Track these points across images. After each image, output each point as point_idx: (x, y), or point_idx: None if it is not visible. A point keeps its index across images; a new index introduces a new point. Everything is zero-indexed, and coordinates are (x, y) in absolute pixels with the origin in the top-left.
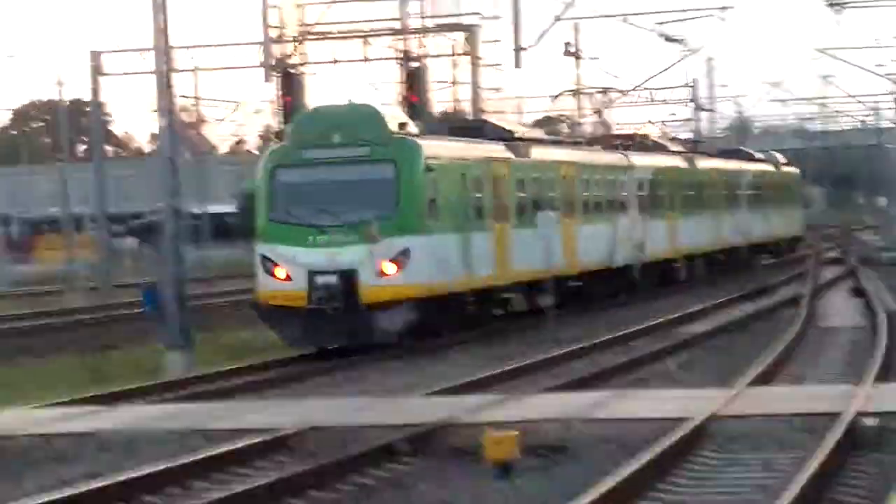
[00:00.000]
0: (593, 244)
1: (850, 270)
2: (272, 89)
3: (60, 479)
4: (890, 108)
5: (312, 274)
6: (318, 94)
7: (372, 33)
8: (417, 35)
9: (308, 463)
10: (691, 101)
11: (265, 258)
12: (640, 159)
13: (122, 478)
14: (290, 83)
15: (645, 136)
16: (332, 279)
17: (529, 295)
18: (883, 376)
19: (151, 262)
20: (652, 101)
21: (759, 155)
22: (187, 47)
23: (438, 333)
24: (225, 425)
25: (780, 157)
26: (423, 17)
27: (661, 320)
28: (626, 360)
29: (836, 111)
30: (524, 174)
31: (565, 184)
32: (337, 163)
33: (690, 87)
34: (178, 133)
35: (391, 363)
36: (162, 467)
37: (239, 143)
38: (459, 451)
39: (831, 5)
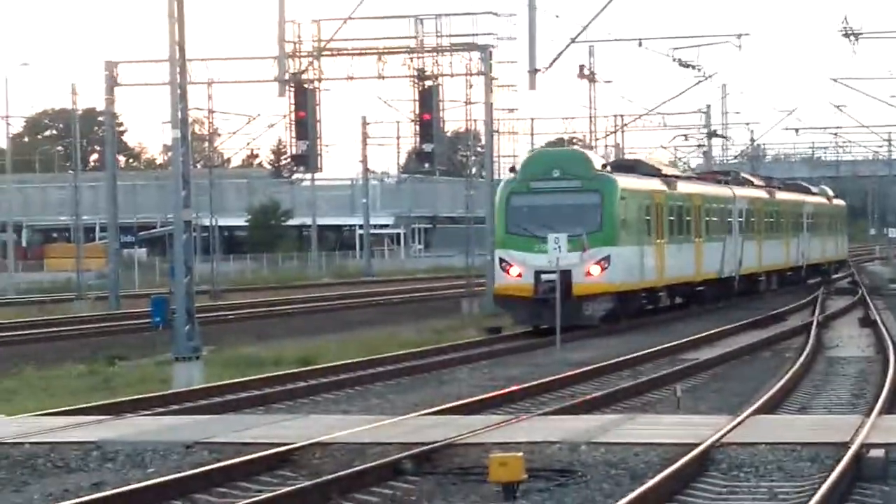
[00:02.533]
0: (710, 258)
1: (859, 300)
2: (286, 103)
3: (65, 487)
4: None
5: (539, 273)
6: (332, 109)
7: (387, 51)
8: (432, 54)
9: (312, 478)
10: (704, 126)
11: (502, 260)
12: (739, 191)
13: (126, 488)
14: (304, 98)
15: (737, 173)
16: (553, 278)
17: (672, 295)
18: (890, 408)
19: (161, 273)
20: (665, 125)
21: (813, 189)
22: (202, 59)
23: (621, 318)
24: (230, 439)
25: (829, 191)
26: (438, 36)
27: (669, 345)
28: (633, 384)
29: (849, 141)
30: (673, 203)
31: (696, 210)
32: (556, 191)
33: (704, 112)
34: (191, 145)
35: (399, 381)
36: (166, 479)
37: (251, 156)
38: (464, 471)
39: (846, 35)
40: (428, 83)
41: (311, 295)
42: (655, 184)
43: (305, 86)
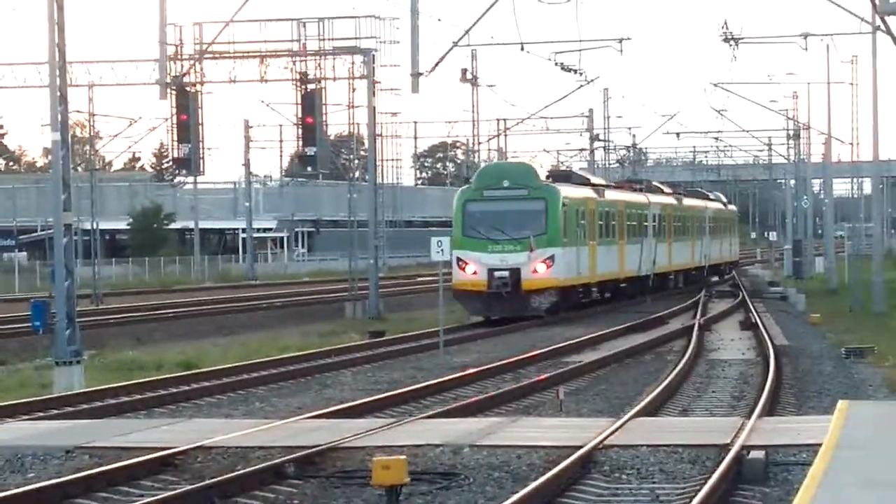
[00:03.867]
0: (631, 259)
1: (740, 303)
2: (167, 106)
3: None
4: (782, 144)
5: (491, 270)
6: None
7: (270, 54)
8: (315, 57)
9: (195, 482)
10: (587, 130)
11: (459, 259)
12: (653, 198)
13: (5, 493)
14: (186, 101)
15: (650, 182)
16: (505, 274)
17: (601, 290)
18: (770, 411)
19: (41, 276)
20: (548, 129)
21: (710, 195)
22: (83, 62)
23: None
24: (112, 443)
25: (723, 197)
26: (321, 40)
27: (552, 347)
28: (515, 387)
29: (730, 145)
30: (602, 209)
31: (620, 216)
32: (507, 199)
33: (586, 116)
34: (71, 148)
35: (281, 385)
36: (46, 483)
37: (133, 159)
38: (347, 474)
39: (727, 40)
40: (311, 86)
41: (193, 299)
42: (588, 192)
43: (187, 89)
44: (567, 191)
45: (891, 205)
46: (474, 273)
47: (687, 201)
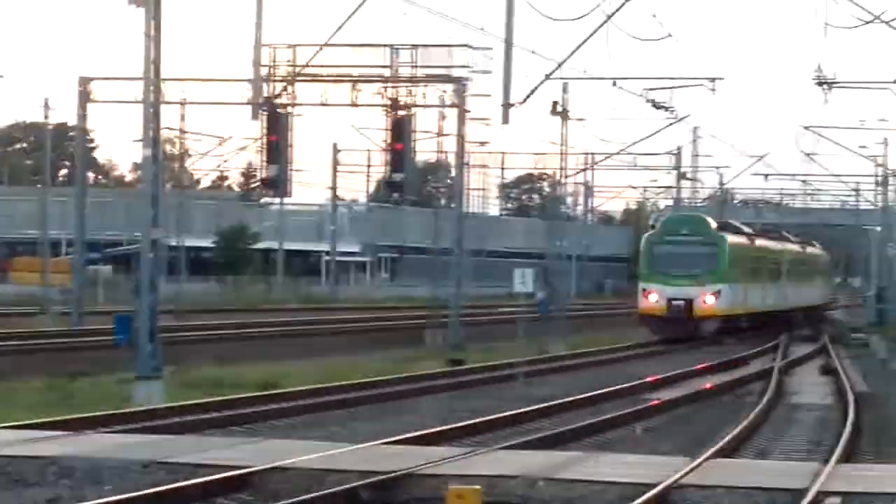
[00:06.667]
0: (772, 296)
1: (821, 348)
2: (258, 127)
3: (20, 501)
4: (870, 190)
5: (670, 300)
6: (304, 134)
7: (361, 79)
8: (406, 84)
9: (269, 503)
10: (675, 168)
11: (644, 289)
12: (786, 245)
13: None
14: (276, 122)
15: (780, 231)
16: (681, 303)
17: (752, 321)
18: (848, 457)
19: (126, 290)
20: (636, 165)
21: (815, 244)
22: (177, 79)
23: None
24: (188, 459)
25: (818, 245)
26: (413, 67)
27: (631, 384)
28: (593, 422)
29: (817, 189)
30: (753, 254)
31: (765, 260)
32: (684, 243)
33: (674, 154)
34: (162, 164)
35: (359, 409)
36: (122, 497)
37: (221, 178)
38: (421, 501)
39: (819, 83)
40: (401, 113)
41: (274, 319)
42: (744, 240)
43: (279, 110)
44: (731, 238)
45: None
46: (656, 301)
47: (809, 249)
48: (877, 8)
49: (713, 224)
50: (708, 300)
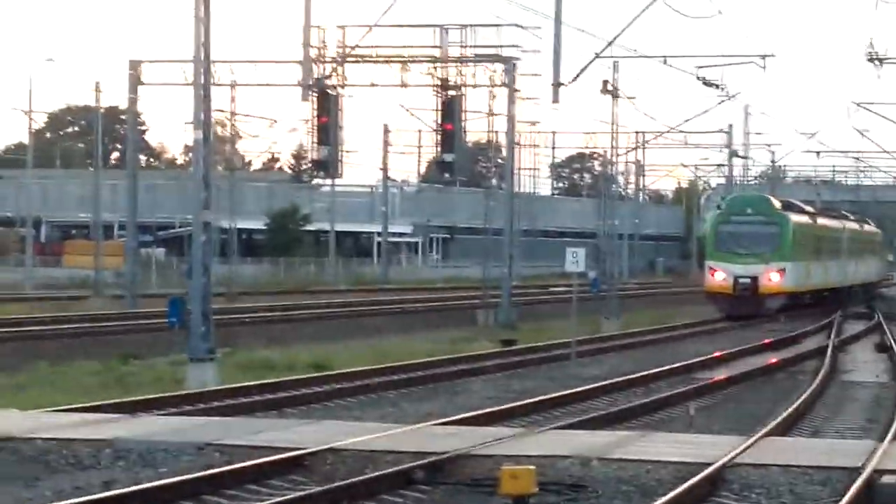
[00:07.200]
0: (832, 273)
1: (875, 326)
2: (308, 108)
3: (76, 484)
4: None
5: (736, 278)
6: (354, 115)
7: (411, 59)
8: (456, 64)
9: (324, 484)
10: (726, 146)
11: (711, 268)
12: (846, 224)
13: (137, 487)
14: (327, 103)
15: (839, 210)
16: (747, 281)
17: (814, 297)
18: None
19: (178, 273)
20: (686, 143)
21: (869, 221)
22: (227, 62)
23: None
24: (242, 441)
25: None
26: (462, 47)
27: (683, 363)
28: (646, 402)
29: (870, 165)
30: (815, 233)
31: (826, 239)
32: (749, 223)
33: (726, 132)
34: (213, 146)
35: (411, 390)
36: (177, 479)
37: (272, 160)
38: (475, 482)
39: (871, 59)
40: (451, 93)
41: (326, 300)
42: (806, 219)
43: (329, 91)
44: (795, 217)
45: None
46: (723, 280)
47: (866, 227)
48: None
49: (777, 204)
50: (773, 278)
